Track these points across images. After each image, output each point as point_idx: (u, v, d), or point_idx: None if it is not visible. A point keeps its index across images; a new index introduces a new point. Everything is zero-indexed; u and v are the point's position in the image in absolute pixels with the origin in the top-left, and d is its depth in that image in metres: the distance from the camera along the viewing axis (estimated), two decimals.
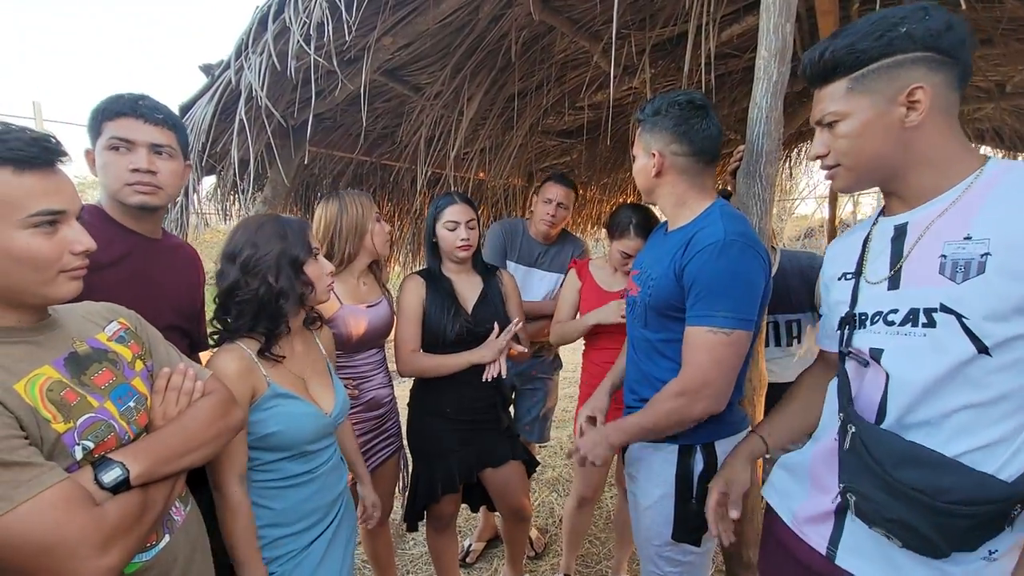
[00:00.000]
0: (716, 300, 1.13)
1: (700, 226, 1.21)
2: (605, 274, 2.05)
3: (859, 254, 0.96)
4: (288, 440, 1.23)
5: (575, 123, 3.23)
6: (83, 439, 0.80)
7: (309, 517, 1.28)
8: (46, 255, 0.79)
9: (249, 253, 1.20)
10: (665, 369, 1.28)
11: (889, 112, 0.84)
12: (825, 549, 0.95)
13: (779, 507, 1.08)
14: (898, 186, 0.90)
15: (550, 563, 2.56)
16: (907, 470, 0.80)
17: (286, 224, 1.26)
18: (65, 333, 0.88)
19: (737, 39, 2.30)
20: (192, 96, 2.01)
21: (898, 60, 0.83)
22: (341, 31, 1.50)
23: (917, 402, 0.82)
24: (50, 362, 0.82)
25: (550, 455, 3.64)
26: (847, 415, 0.90)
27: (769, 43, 1.22)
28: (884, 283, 0.89)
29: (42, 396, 0.77)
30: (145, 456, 0.84)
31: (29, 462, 0.71)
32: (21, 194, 0.76)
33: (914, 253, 0.86)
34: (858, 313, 0.93)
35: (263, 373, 1.21)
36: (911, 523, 0.80)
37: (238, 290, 1.20)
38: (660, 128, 1.25)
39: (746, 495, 1.36)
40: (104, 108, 1.17)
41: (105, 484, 0.79)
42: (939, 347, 0.80)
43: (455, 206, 1.80)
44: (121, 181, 1.19)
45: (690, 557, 1.29)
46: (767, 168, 1.28)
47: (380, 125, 2.69)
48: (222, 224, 4.58)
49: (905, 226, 0.89)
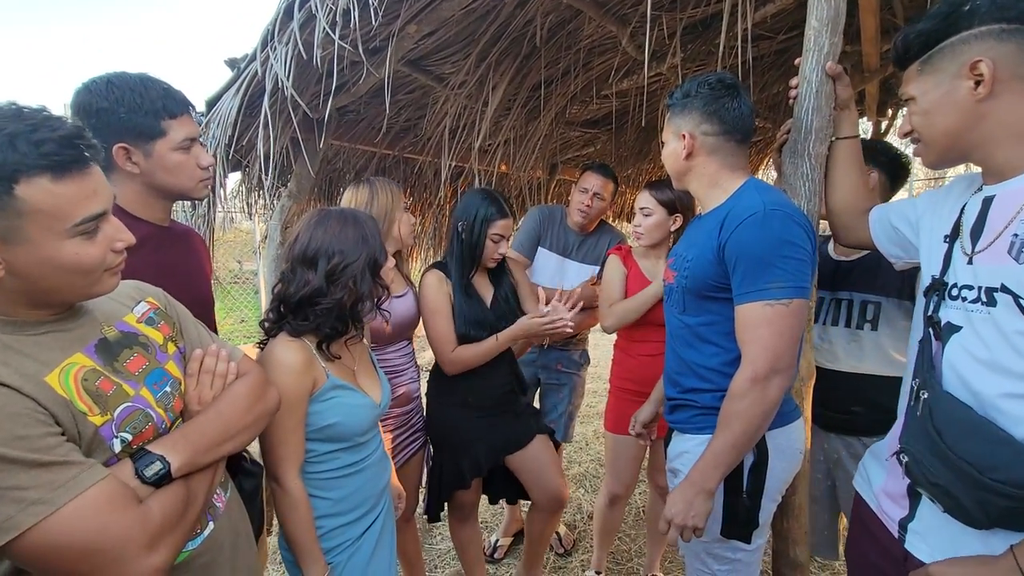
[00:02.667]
0: (766, 272, 1.09)
1: (735, 201, 1.19)
2: (649, 262, 1.99)
3: (956, 218, 0.93)
4: (346, 431, 1.23)
5: (600, 112, 3.16)
6: (121, 431, 0.78)
7: (362, 506, 1.29)
8: (94, 260, 0.76)
9: (337, 261, 1.17)
10: (709, 355, 1.23)
11: (955, 88, 0.85)
12: (897, 532, 0.97)
13: (863, 490, 1.11)
14: (984, 159, 0.89)
15: (579, 560, 2.51)
16: (964, 441, 0.81)
17: (365, 225, 1.24)
18: (92, 318, 0.84)
19: (771, 19, 2.21)
20: (218, 90, 2.01)
21: (962, 37, 0.84)
22: (367, 18, 1.47)
23: (981, 380, 0.83)
24: (81, 349, 0.79)
25: (575, 451, 3.60)
26: (923, 380, 0.90)
27: (820, 12, 1.15)
28: (967, 256, 0.88)
29: (77, 387, 0.75)
30: (185, 447, 0.82)
31: (67, 460, 0.69)
32: (64, 203, 0.71)
33: (994, 229, 0.85)
34: (948, 283, 0.91)
35: (322, 365, 1.20)
36: (954, 492, 0.82)
37: (320, 297, 1.17)
38: (690, 109, 1.23)
39: (792, 491, 1.31)
40: (162, 107, 1.14)
41: (147, 478, 0.77)
42: (998, 327, 0.80)
43: (506, 220, 1.80)
44: (195, 179, 1.22)
45: (740, 555, 1.23)
46: (816, 147, 1.21)
47: (403, 118, 2.67)
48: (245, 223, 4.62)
49: (992, 200, 0.87)
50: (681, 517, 1.12)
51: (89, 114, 1.09)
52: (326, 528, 1.24)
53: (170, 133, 1.15)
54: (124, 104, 1.10)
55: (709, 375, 1.24)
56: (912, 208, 1.08)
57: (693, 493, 1.12)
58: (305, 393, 1.16)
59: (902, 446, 0.93)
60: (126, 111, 1.10)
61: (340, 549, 1.25)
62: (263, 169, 2.08)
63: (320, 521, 1.22)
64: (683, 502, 1.12)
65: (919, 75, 0.91)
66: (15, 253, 0.70)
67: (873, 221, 1.17)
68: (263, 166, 2.05)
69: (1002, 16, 0.81)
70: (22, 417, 0.67)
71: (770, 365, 1.09)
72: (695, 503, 1.11)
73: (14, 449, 0.65)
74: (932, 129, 0.91)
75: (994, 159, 0.87)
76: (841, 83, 1.19)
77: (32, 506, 0.65)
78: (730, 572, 1.25)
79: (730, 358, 1.19)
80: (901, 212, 1.11)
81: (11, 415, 0.67)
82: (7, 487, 0.64)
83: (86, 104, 1.10)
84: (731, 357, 1.19)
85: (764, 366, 1.09)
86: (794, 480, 1.29)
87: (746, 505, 1.17)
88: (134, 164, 1.15)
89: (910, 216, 1.08)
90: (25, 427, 0.67)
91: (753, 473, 1.17)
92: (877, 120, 3.30)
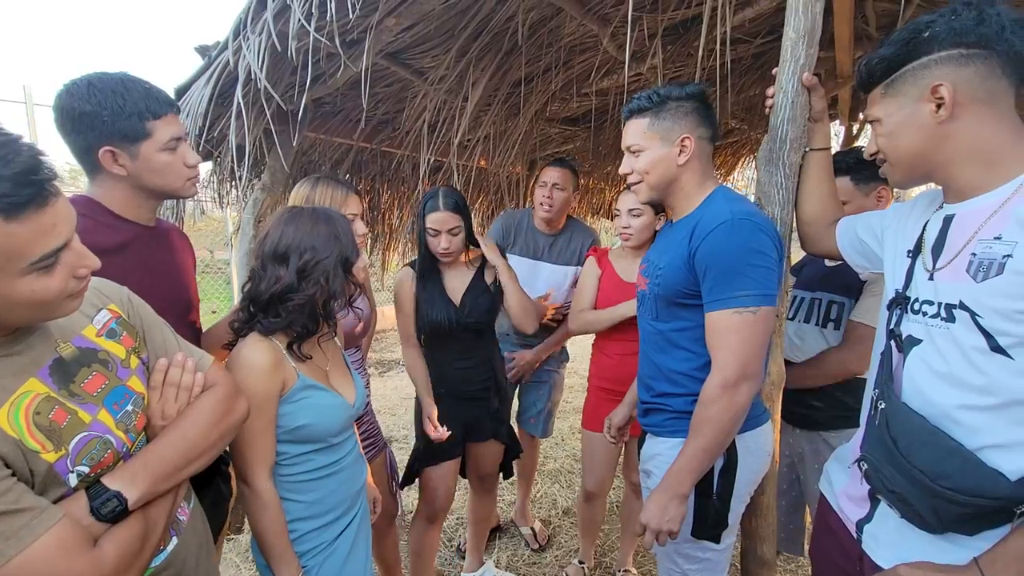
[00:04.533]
0: (734, 281, 1.12)
1: (704, 210, 1.21)
2: (625, 263, 2.00)
3: (919, 234, 0.96)
4: (318, 432, 1.21)
5: (579, 110, 3.16)
6: (78, 464, 0.74)
7: (336, 509, 1.27)
8: (52, 293, 0.71)
9: (308, 257, 1.15)
10: (680, 359, 1.26)
11: (917, 111, 0.88)
12: (854, 531, 1.02)
13: (828, 493, 1.14)
14: (945, 179, 0.92)
15: (554, 555, 2.54)
16: (917, 449, 0.85)
17: (337, 222, 1.22)
18: (46, 334, 0.78)
19: (749, 23, 2.23)
20: (188, 79, 1.94)
21: (923, 62, 0.87)
22: (344, 10, 1.43)
23: (939, 392, 0.85)
24: (35, 373, 0.73)
25: (551, 446, 3.63)
26: (882, 391, 0.93)
27: (797, 23, 1.16)
28: (928, 272, 0.91)
29: (28, 424, 0.70)
30: (144, 477, 0.78)
31: (18, 508, 0.65)
32: (18, 243, 0.65)
33: (953, 247, 0.87)
34: (910, 297, 0.94)
35: (292, 365, 1.19)
36: (909, 499, 0.86)
37: (292, 293, 1.14)
38: (685, 112, 1.22)
39: (760, 491, 1.34)
40: (145, 107, 1.10)
41: (102, 516, 0.73)
42: (956, 343, 0.83)
43: (438, 213, 1.76)
44: (183, 178, 1.21)
45: (709, 554, 1.26)
46: (791, 156, 1.23)
47: (381, 111, 2.62)
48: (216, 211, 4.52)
49: (951, 218, 0.89)
50: (656, 522, 1.14)
51: (72, 118, 1.08)
52: (300, 531, 1.22)
53: (155, 134, 1.13)
54: (107, 107, 1.07)
55: (681, 380, 1.26)
56: (879, 220, 1.11)
57: (667, 498, 1.14)
58: (274, 394, 1.14)
59: (862, 454, 0.97)
60: (109, 114, 1.07)
61: (314, 552, 1.23)
62: (235, 161, 2.02)
63: (294, 524, 1.21)
64: (658, 507, 1.14)
65: (883, 98, 0.94)
66: None
67: (840, 233, 1.20)
68: (235, 158, 1.99)
69: (960, 41, 0.84)
70: None
71: (739, 371, 1.12)
72: (669, 508, 1.13)
73: None
74: (897, 150, 0.94)
75: (955, 179, 0.89)
76: (816, 95, 1.21)
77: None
78: (700, 571, 1.28)
79: (701, 363, 1.22)
80: (868, 224, 1.13)
81: None
82: None
83: (68, 108, 1.08)
84: (702, 362, 1.21)
85: (733, 372, 1.12)
86: (762, 480, 1.32)
87: (716, 507, 1.20)
88: (121, 167, 1.13)
89: (876, 229, 1.11)
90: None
91: (723, 476, 1.20)
92: (849, 124, 3.38)
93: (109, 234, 1.12)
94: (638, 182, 1.28)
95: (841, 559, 1.06)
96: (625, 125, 1.30)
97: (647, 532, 1.15)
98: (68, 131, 1.10)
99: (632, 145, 1.27)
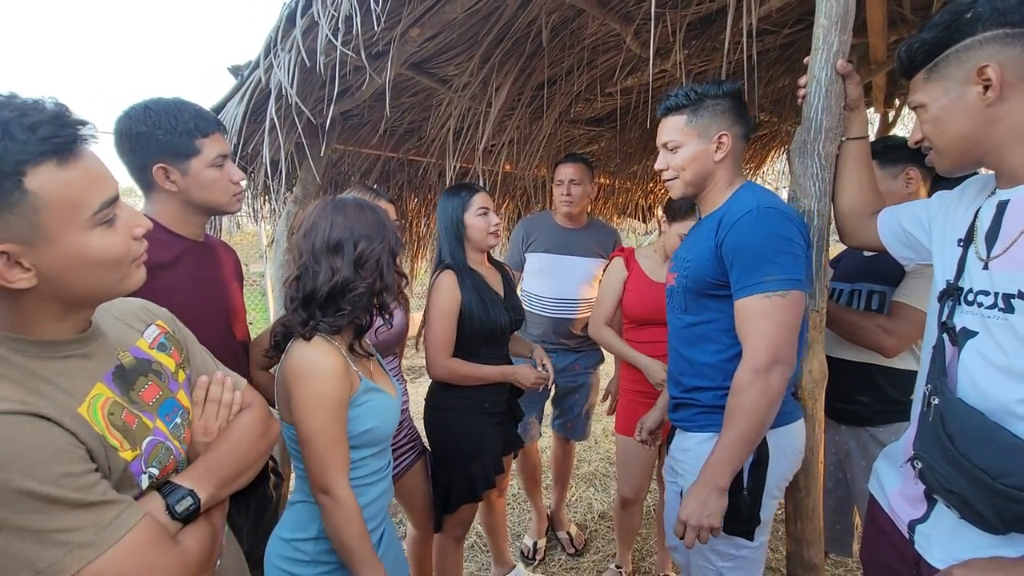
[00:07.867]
0: (762, 266, 1.11)
1: (731, 203, 1.23)
2: (654, 263, 1.98)
3: (970, 222, 0.92)
4: (380, 435, 1.17)
5: (604, 110, 3.14)
6: (149, 466, 0.75)
7: (378, 516, 1.22)
8: (121, 250, 0.71)
9: (364, 246, 1.11)
10: (709, 352, 1.25)
11: (964, 93, 0.86)
12: (906, 532, 0.98)
13: (878, 493, 1.11)
14: (997, 163, 0.88)
15: (591, 560, 2.51)
16: (976, 447, 0.81)
17: (379, 211, 1.18)
18: (108, 341, 0.79)
19: (776, 13, 2.18)
20: (222, 98, 2.01)
21: (966, 44, 0.85)
22: (369, 23, 1.46)
23: (998, 387, 0.82)
24: (101, 378, 0.75)
25: (585, 449, 3.59)
26: (935, 386, 0.90)
27: (829, 9, 1.13)
28: (982, 262, 0.87)
29: (105, 421, 0.71)
30: (210, 480, 0.81)
31: (110, 499, 0.66)
32: (77, 191, 0.65)
33: (1009, 234, 0.84)
34: (963, 288, 0.90)
35: (354, 368, 1.13)
36: (969, 498, 0.82)
37: (352, 284, 1.09)
38: (723, 109, 1.23)
39: (805, 493, 1.30)
40: (195, 127, 1.19)
41: (178, 514, 0.75)
42: (1017, 334, 0.80)
43: (481, 193, 1.80)
44: (229, 193, 1.28)
45: (743, 551, 1.24)
46: (826, 146, 1.20)
47: (407, 120, 2.66)
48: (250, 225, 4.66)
49: (1006, 204, 0.86)
50: (696, 517, 1.11)
51: (130, 138, 1.16)
52: None
53: (204, 151, 1.20)
54: (160, 127, 1.16)
55: (710, 372, 1.25)
56: (924, 210, 1.07)
57: (706, 492, 1.11)
58: (347, 398, 1.09)
59: (916, 452, 0.93)
60: (163, 133, 1.16)
61: None
62: (269, 175, 2.08)
63: None
64: (696, 502, 1.11)
65: (926, 83, 0.91)
66: (40, 256, 0.64)
67: (882, 223, 1.16)
68: (269, 172, 2.05)
69: (1005, 21, 0.82)
70: (66, 453, 0.64)
71: (771, 355, 1.10)
72: (708, 502, 1.11)
73: (62, 488, 0.61)
74: (944, 135, 0.91)
75: (1007, 163, 0.86)
76: (851, 82, 1.18)
77: (78, 549, 0.62)
78: (734, 569, 1.25)
79: (730, 355, 1.21)
80: (913, 214, 1.09)
81: (57, 451, 0.63)
82: (53, 529, 0.61)
83: (126, 130, 1.17)
84: (731, 354, 1.20)
85: (765, 357, 1.10)
86: (807, 482, 1.28)
87: (747, 502, 1.18)
88: (172, 182, 1.20)
89: (922, 218, 1.07)
90: (70, 463, 0.63)
91: (753, 471, 1.18)
92: (885, 111, 3.26)
93: (163, 249, 1.16)
94: (673, 178, 1.30)
95: (896, 563, 1.02)
96: (661, 122, 1.31)
97: (687, 530, 1.12)
98: (125, 151, 1.18)
99: (669, 141, 1.28)
